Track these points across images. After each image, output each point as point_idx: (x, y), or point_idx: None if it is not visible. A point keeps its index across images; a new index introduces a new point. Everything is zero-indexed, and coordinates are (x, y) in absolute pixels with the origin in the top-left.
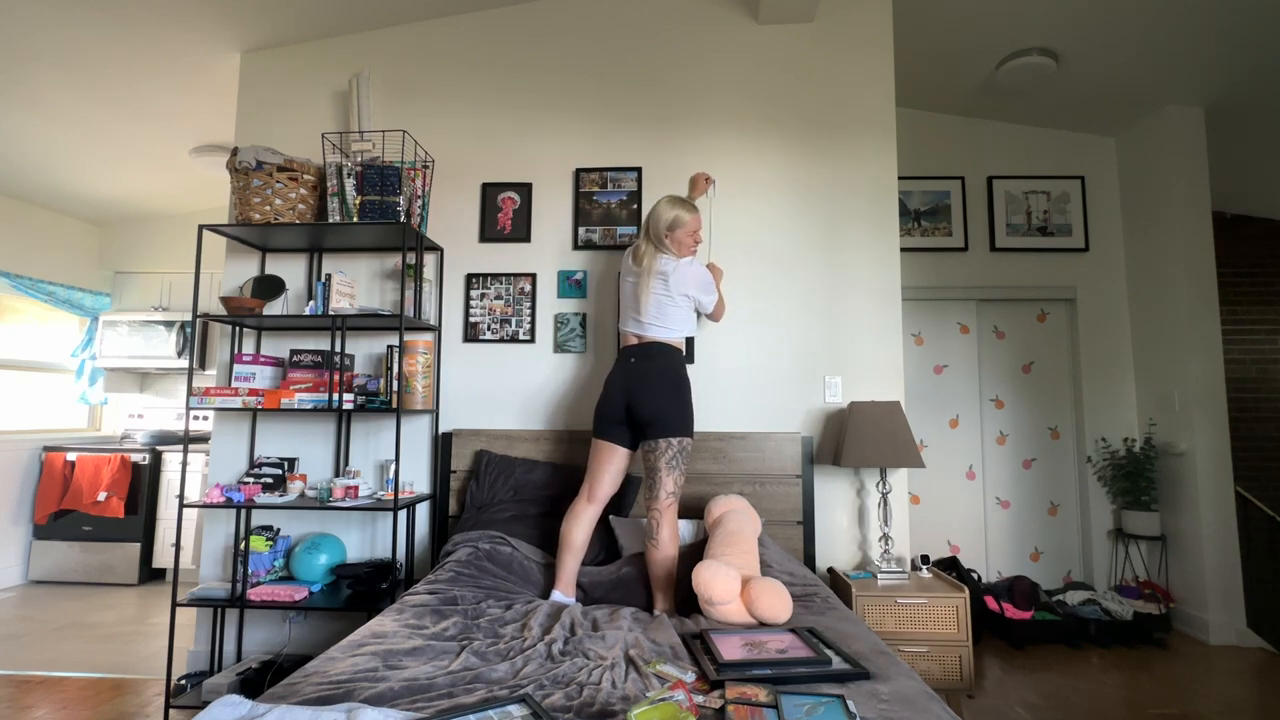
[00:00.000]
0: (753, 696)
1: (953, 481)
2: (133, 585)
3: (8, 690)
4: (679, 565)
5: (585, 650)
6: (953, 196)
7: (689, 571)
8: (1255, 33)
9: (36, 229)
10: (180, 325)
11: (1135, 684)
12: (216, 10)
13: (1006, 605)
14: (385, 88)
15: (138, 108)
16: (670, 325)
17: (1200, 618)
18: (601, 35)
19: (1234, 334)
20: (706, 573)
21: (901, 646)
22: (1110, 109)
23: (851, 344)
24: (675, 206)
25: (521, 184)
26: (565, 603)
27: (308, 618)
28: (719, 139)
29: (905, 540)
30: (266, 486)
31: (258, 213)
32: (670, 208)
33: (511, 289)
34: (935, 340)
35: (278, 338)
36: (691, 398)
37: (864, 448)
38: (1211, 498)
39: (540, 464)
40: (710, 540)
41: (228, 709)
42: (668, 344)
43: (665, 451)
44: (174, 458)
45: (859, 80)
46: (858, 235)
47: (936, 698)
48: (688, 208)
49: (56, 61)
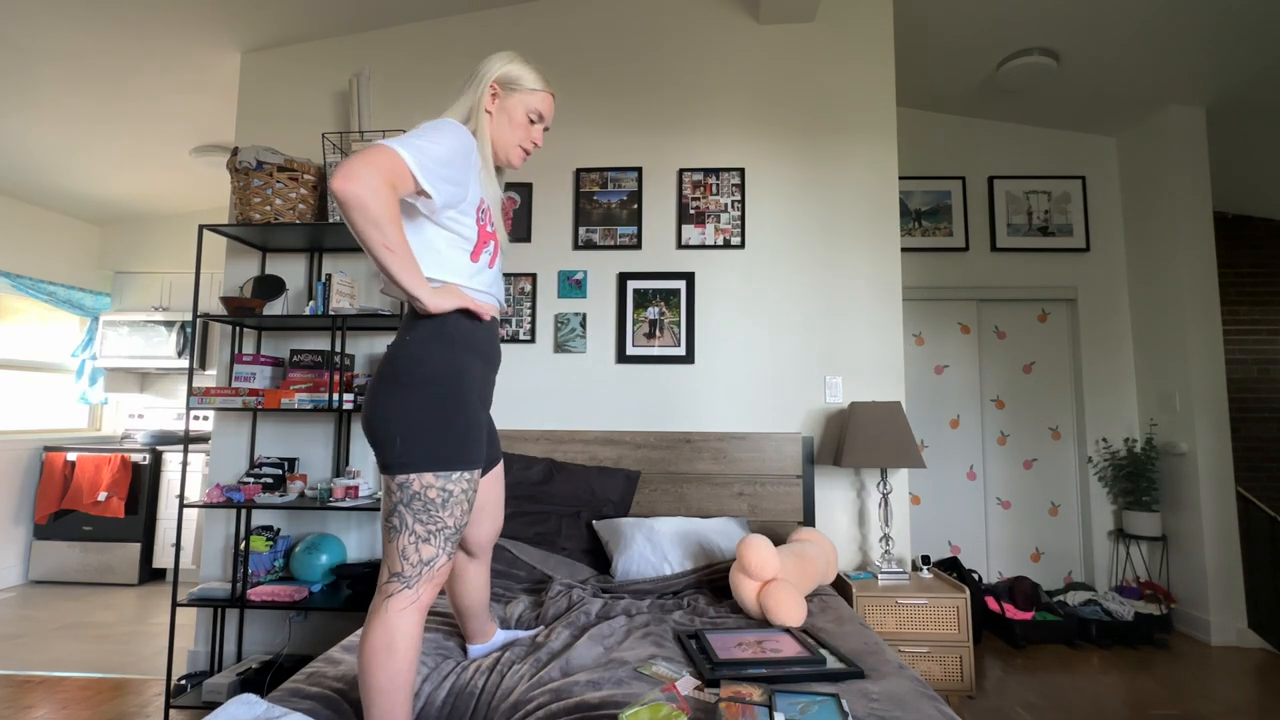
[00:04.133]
0: (747, 695)
1: (953, 482)
2: (133, 585)
3: (8, 690)
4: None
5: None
6: (953, 196)
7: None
8: (1256, 32)
9: (36, 229)
10: (180, 325)
11: (1136, 684)
12: (216, 10)
13: (1007, 605)
14: (385, 88)
15: (138, 108)
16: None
17: (1201, 618)
18: (602, 35)
19: (1235, 334)
20: (755, 542)
21: (902, 647)
22: (1111, 109)
23: (852, 344)
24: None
25: (522, 184)
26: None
27: (308, 618)
28: (719, 138)
29: (906, 540)
30: (266, 486)
31: (258, 213)
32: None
33: (511, 289)
34: (936, 340)
35: (278, 338)
36: (437, 401)
37: (865, 448)
38: (1212, 498)
39: (539, 461)
40: (780, 547)
41: (244, 708)
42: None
43: (390, 496)
44: (174, 458)
45: (860, 80)
46: (858, 235)
47: (932, 696)
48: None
49: (57, 62)
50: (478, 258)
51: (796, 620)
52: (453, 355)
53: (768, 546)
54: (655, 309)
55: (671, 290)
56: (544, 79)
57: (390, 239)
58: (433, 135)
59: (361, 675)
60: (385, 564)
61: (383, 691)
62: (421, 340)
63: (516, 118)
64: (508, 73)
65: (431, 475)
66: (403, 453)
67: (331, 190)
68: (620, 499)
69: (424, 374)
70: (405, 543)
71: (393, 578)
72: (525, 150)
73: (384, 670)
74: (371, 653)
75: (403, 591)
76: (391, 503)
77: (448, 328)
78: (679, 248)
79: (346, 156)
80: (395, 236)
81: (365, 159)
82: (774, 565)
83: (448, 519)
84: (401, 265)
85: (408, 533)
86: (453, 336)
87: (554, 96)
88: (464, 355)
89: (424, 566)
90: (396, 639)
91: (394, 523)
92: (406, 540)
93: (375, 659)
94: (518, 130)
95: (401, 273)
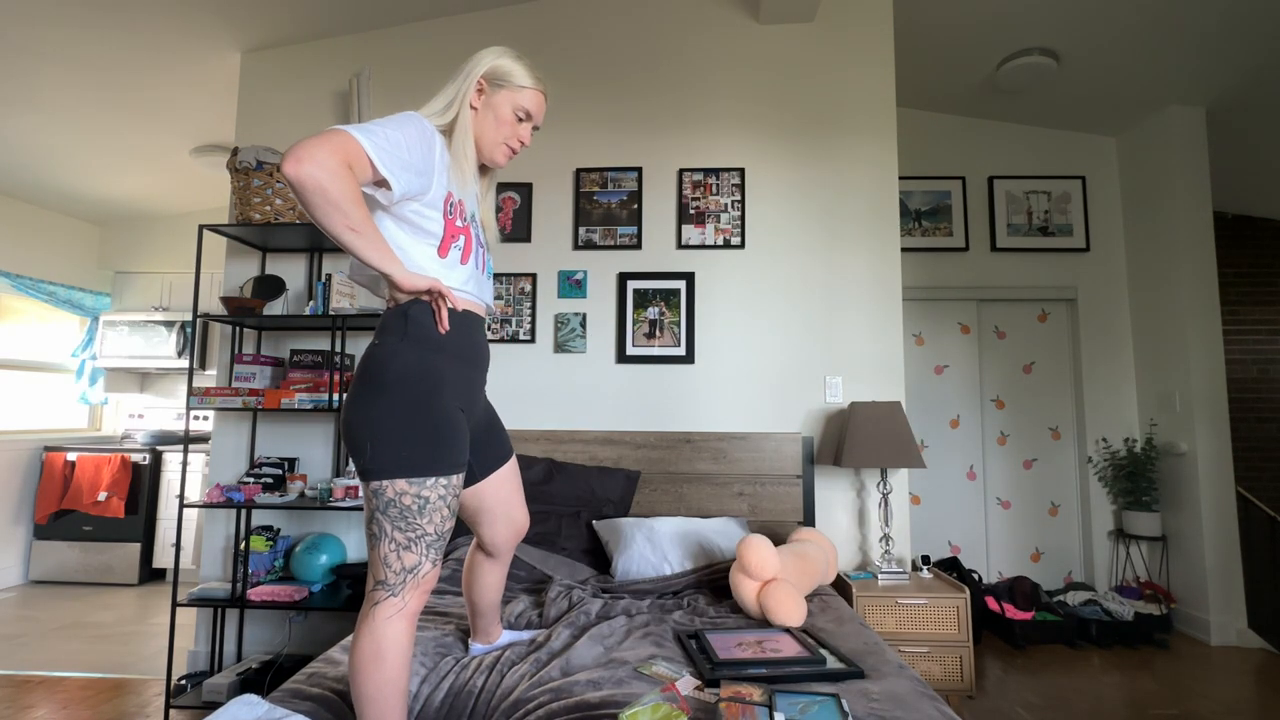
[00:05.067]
0: (747, 695)
1: (953, 482)
2: (133, 585)
3: (8, 690)
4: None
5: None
6: (953, 196)
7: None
8: (1256, 33)
9: (36, 229)
10: (180, 325)
11: (1136, 684)
12: (216, 10)
13: (1007, 605)
14: (385, 88)
15: (138, 108)
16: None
17: (1201, 618)
18: (602, 35)
19: (1235, 334)
20: (755, 542)
21: (902, 647)
22: (1111, 109)
23: (852, 344)
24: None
25: (522, 184)
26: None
27: (308, 618)
28: (719, 138)
29: (906, 540)
30: (266, 486)
31: (258, 212)
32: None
33: (511, 289)
34: (936, 340)
35: (278, 338)
36: (407, 405)
37: (865, 448)
38: (1212, 498)
39: (539, 461)
40: (780, 547)
41: (245, 708)
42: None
43: (368, 503)
44: (174, 458)
45: (859, 80)
46: (858, 235)
47: (932, 696)
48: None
49: (57, 62)
50: (446, 253)
51: (796, 620)
52: (420, 356)
53: (768, 546)
54: (655, 309)
55: (671, 290)
56: (535, 76)
57: (354, 220)
58: (390, 124)
59: (352, 683)
60: (370, 571)
61: (372, 700)
62: (387, 341)
63: (503, 115)
64: (497, 68)
65: (404, 482)
66: (374, 459)
67: (283, 174)
68: (620, 499)
69: (390, 377)
70: (386, 550)
71: (378, 585)
72: (511, 149)
73: (373, 679)
74: (360, 661)
75: (388, 599)
76: (370, 510)
77: (412, 327)
78: (679, 248)
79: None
80: (359, 216)
81: (318, 140)
82: (774, 565)
83: (427, 526)
84: (368, 244)
85: (387, 540)
86: (419, 336)
87: (545, 95)
88: (433, 355)
89: (408, 574)
90: (384, 647)
91: (374, 530)
92: (387, 548)
93: (364, 667)
94: (503, 127)
95: (370, 251)
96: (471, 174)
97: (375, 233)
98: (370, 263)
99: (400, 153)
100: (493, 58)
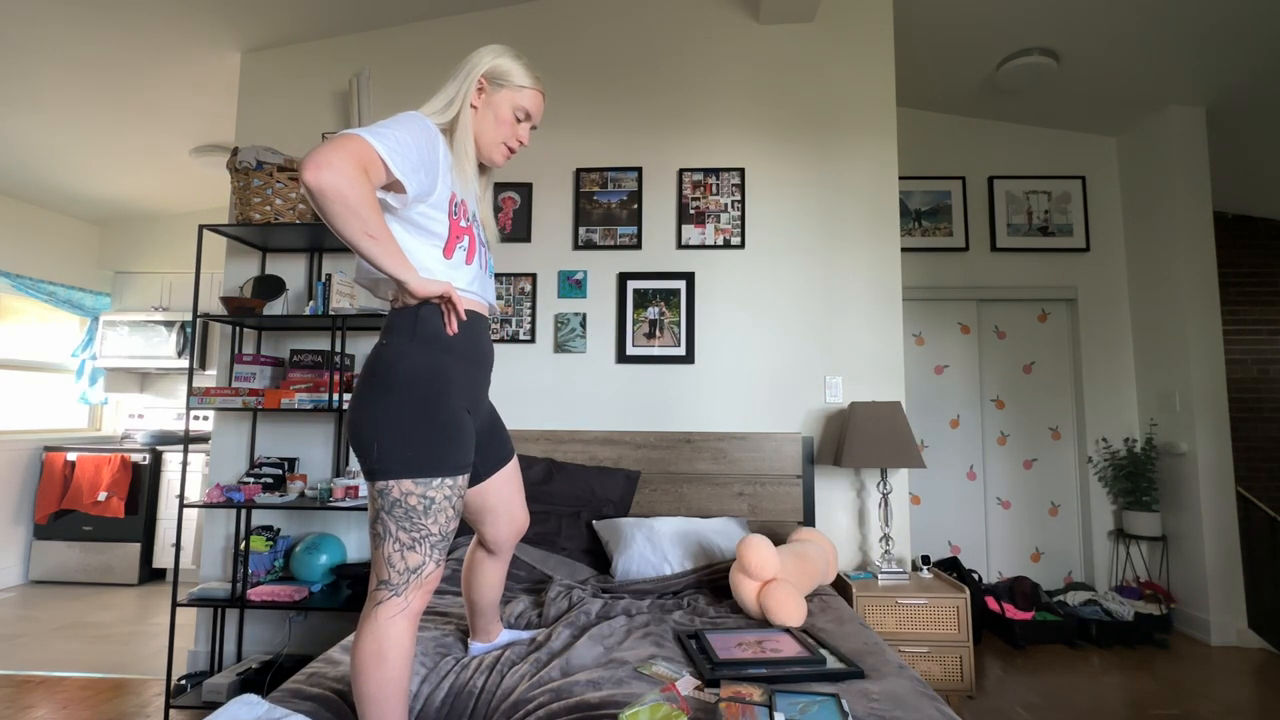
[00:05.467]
0: (747, 695)
1: (953, 482)
2: (133, 585)
3: (8, 690)
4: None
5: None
6: (953, 196)
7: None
8: (1256, 33)
9: (36, 229)
10: (180, 325)
11: (1136, 684)
12: (216, 10)
13: (1007, 605)
14: (385, 88)
15: (138, 108)
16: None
17: (1201, 618)
18: (602, 35)
19: (1235, 334)
20: (755, 542)
21: (902, 647)
22: (1111, 109)
23: (852, 344)
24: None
25: (522, 184)
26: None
27: (308, 618)
28: (719, 138)
29: (906, 540)
30: (266, 486)
31: (258, 212)
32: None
33: (511, 289)
34: (936, 340)
35: (278, 338)
36: (414, 405)
37: (865, 448)
38: (1212, 498)
39: (539, 461)
40: (780, 547)
41: (246, 708)
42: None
43: (372, 503)
44: (174, 458)
45: (859, 80)
46: (858, 235)
47: (932, 696)
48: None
49: (58, 62)
50: (451, 254)
51: (796, 620)
52: (428, 356)
53: (768, 546)
54: (655, 309)
55: (671, 290)
56: (534, 76)
57: (372, 226)
58: (397, 125)
59: (353, 682)
60: (374, 571)
61: (373, 700)
62: (395, 342)
63: (502, 114)
64: (496, 67)
65: (410, 482)
66: (380, 459)
67: (303, 181)
68: (620, 499)
69: (398, 377)
70: (390, 550)
71: (381, 585)
72: (509, 149)
73: (374, 678)
74: (362, 660)
75: (391, 599)
76: (374, 509)
77: (422, 328)
78: (679, 248)
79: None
80: (376, 222)
81: (335, 146)
82: (774, 565)
83: (431, 526)
84: (384, 250)
85: (391, 540)
86: (428, 337)
87: (543, 95)
88: (441, 356)
89: (411, 574)
90: (386, 647)
91: (378, 530)
92: (391, 548)
93: (365, 667)
94: (503, 127)
95: (386, 258)
96: (472, 173)
97: (391, 239)
98: (386, 269)
99: (410, 154)
100: (492, 57)
